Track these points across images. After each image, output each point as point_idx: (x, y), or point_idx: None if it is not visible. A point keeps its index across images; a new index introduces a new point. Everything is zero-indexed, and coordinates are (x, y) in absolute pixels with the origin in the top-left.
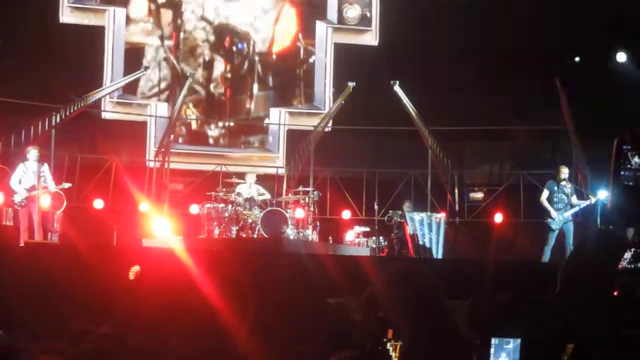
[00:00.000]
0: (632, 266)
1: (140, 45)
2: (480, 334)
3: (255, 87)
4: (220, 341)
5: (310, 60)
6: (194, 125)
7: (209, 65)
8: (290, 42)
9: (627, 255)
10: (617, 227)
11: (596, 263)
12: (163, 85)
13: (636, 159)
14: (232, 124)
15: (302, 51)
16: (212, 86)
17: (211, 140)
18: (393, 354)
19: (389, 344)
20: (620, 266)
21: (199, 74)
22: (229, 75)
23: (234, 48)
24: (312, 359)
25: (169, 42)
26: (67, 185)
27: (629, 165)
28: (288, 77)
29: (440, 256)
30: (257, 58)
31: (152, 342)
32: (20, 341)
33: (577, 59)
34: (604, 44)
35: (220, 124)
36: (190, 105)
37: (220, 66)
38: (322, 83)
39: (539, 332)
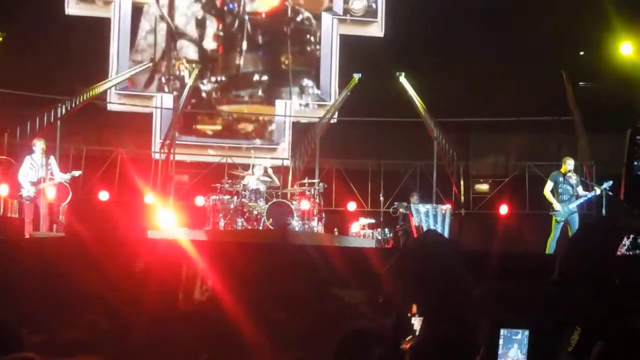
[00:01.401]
0: (631, 253)
1: (140, 5)
2: (489, 326)
3: (245, 44)
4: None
5: (298, 18)
6: (186, 79)
7: (201, 23)
8: (279, 2)
9: (626, 241)
10: (627, 218)
11: (592, 249)
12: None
13: None
14: (223, 78)
15: (289, 10)
16: (204, 43)
17: (204, 95)
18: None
19: (413, 319)
20: (618, 252)
21: (193, 31)
22: (220, 33)
23: (225, 8)
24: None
25: (164, 1)
26: (77, 173)
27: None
28: (276, 35)
29: None
30: (247, 17)
31: (156, 330)
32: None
33: (581, 52)
34: (610, 36)
35: (213, 78)
36: (184, 61)
37: (212, 24)
38: (327, 74)
39: (542, 321)
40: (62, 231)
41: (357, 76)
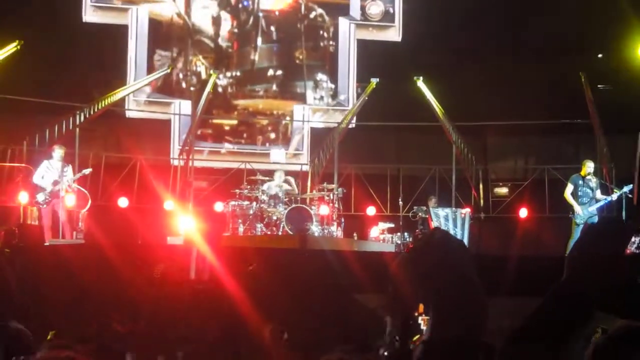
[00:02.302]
0: None
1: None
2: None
3: (259, 40)
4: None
5: (311, 15)
6: (203, 75)
7: (216, 21)
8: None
9: (636, 239)
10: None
11: (599, 247)
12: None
13: None
14: (239, 73)
15: (303, 7)
16: (219, 40)
17: (220, 89)
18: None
19: (420, 318)
20: (628, 250)
21: (209, 28)
22: (235, 30)
23: (240, 5)
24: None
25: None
26: (87, 171)
27: None
28: (290, 31)
29: None
30: (261, 14)
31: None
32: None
33: (599, 55)
34: (629, 39)
35: (229, 74)
36: (200, 57)
37: (227, 21)
38: (345, 79)
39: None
40: (82, 238)
41: (374, 81)
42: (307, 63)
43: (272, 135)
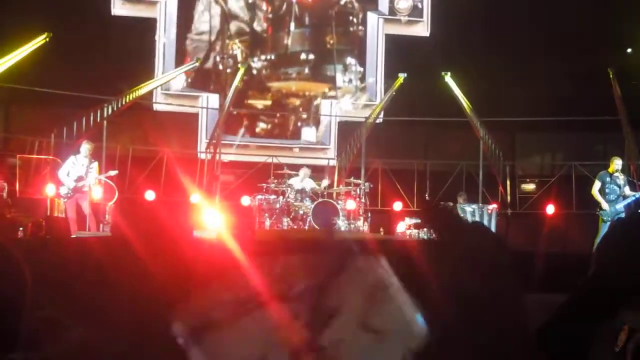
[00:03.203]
0: None
1: None
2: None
3: (292, 25)
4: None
5: (342, 1)
6: (239, 58)
7: (252, 7)
8: None
9: None
10: None
11: (627, 244)
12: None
13: None
14: (273, 57)
15: None
16: (255, 24)
17: (254, 72)
18: None
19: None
20: None
21: (245, 13)
22: (270, 15)
23: None
24: None
25: None
26: (113, 172)
27: None
28: (322, 17)
29: None
30: (294, 0)
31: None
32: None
33: (629, 50)
34: None
35: (263, 57)
36: (237, 41)
37: (261, 7)
38: (373, 74)
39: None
40: (109, 231)
41: (402, 76)
42: (338, 47)
43: (304, 115)
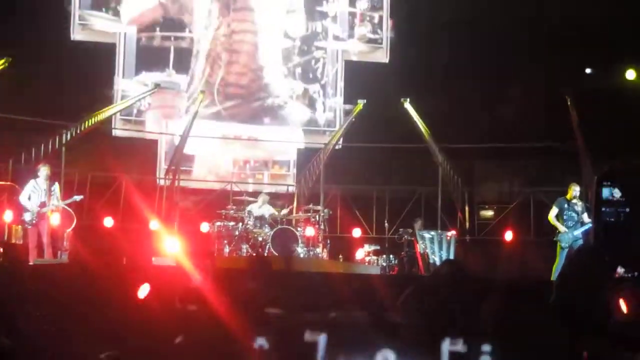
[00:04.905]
0: (629, 275)
1: None
2: None
3: None
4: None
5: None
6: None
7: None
8: None
9: (620, 270)
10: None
11: (587, 272)
12: None
13: (617, 194)
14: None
15: None
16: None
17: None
18: None
19: None
20: (616, 275)
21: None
22: None
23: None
24: None
25: None
26: (78, 197)
27: (611, 200)
28: None
29: None
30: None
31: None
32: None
33: (588, 70)
34: (615, 59)
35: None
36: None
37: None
38: (332, 100)
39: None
40: (67, 258)
41: (362, 102)
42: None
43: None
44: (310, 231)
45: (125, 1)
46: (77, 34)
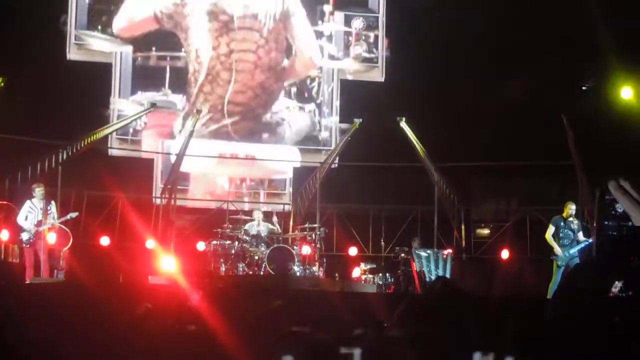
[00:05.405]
0: (624, 294)
1: None
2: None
3: None
4: None
5: None
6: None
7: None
8: None
9: (618, 284)
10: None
11: (583, 288)
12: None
13: (619, 209)
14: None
15: None
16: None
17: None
18: None
19: None
20: (611, 293)
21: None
22: None
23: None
24: None
25: None
26: (73, 214)
27: (613, 214)
28: None
29: None
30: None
31: None
32: None
33: (584, 87)
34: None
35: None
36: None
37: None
38: (328, 119)
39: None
40: (63, 277)
41: (357, 121)
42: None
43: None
44: (306, 250)
45: (120, 11)
46: (73, 54)
